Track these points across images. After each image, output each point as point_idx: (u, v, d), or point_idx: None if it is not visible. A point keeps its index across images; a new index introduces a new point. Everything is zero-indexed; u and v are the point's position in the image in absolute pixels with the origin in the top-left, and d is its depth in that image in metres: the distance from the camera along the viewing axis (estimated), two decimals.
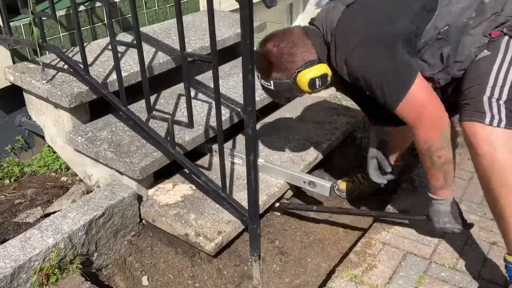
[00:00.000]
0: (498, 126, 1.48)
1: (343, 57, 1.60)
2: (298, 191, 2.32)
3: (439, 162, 1.64)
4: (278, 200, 2.18)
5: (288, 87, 1.72)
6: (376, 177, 2.08)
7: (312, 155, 2.34)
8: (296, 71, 1.68)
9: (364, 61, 1.57)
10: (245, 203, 1.77)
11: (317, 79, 1.67)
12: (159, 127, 2.08)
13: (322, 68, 1.69)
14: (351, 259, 1.86)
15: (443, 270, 1.79)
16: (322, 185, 2.04)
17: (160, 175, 2.11)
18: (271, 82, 1.72)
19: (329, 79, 1.70)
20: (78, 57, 2.14)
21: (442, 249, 1.89)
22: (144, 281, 1.85)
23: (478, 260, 1.83)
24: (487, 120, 1.49)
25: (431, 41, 1.61)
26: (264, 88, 1.79)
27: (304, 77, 1.67)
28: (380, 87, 1.57)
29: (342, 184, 2.35)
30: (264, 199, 2.04)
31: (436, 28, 1.60)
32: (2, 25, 2.14)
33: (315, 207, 2.20)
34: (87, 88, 2.06)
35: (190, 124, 1.82)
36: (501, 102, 1.50)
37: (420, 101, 1.56)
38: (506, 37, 1.57)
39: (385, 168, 2.06)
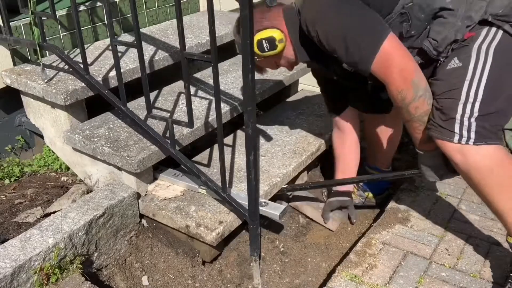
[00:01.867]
0: (467, 143, 1.51)
1: (311, 18, 1.62)
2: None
3: (416, 114, 1.62)
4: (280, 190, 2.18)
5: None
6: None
7: (315, 146, 2.35)
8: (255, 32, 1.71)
9: (332, 15, 1.58)
10: (246, 195, 1.75)
11: (264, 41, 1.71)
12: (157, 122, 2.09)
13: (271, 32, 1.71)
14: (351, 259, 1.86)
15: (443, 270, 1.79)
16: (275, 207, 1.93)
17: (161, 171, 2.11)
18: (238, 36, 1.74)
19: (277, 43, 1.72)
20: (78, 57, 2.15)
21: (442, 249, 1.89)
22: (144, 281, 1.85)
23: (478, 260, 1.83)
24: (456, 139, 1.52)
25: (395, 14, 1.61)
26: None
27: (256, 38, 1.71)
28: (353, 41, 1.55)
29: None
30: (266, 189, 2.04)
31: (402, 3, 1.60)
32: (2, 25, 2.14)
33: (308, 186, 2.19)
34: (82, 85, 2.06)
35: (190, 124, 1.82)
36: (472, 119, 1.51)
37: (389, 54, 1.54)
38: (476, 44, 1.54)
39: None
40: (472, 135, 1.51)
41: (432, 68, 1.68)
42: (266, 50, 1.73)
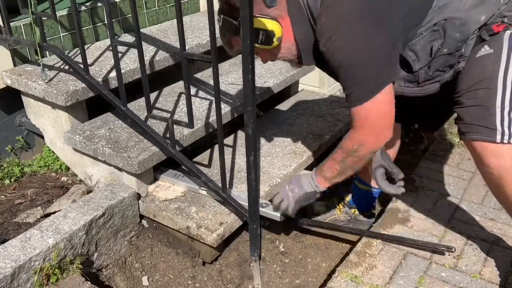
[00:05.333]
0: (509, 142, 1.43)
1: (333, 25, 1.45)
2: None
3: (347, 165, 1.60)
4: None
5: (233, 30, 1.53)
6: (388, 188, 1.78)
7: (315, 146, 2.35)
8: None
9: (349, 44, 1.43)
10: (246, 196, 1.75)
11: (261, 32, 1.50)
12: (158, 123, 2.09)
13: (272, 25, 1.50)
14: (351, 259, 1.86)
15: (443, 270, 1.79)
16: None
17: (161, 172, 2.11)
18: (221, 17, 1.56)
19: (275, 40, 1.52)
20: (78, 58, 2.15)
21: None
22: (144, 281, 1.85)
23: (478, 260, 1.83)
24: (498, 137, 1.43)
25: (427, 31, 1.51)
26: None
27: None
28: (354, 73, 1.45)
29: (316, 208, 2.23)
30: (266, 190, 2.03)
31: (433, 19, 1.50)
32: (2, 25, 2.15)
33: (306, 222, 2.10)
34: (83, 85, 2.06)
35: (190, 124, 1.82)
36: None
37: (379, 111, 1.48)
38: (508, 32, 1.46)
39: (395, 175, 1.77)
40: None
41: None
42: (260, 42, 1.53)
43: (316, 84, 3.01)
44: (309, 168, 2.41)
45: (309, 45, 1.58)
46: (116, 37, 2.20)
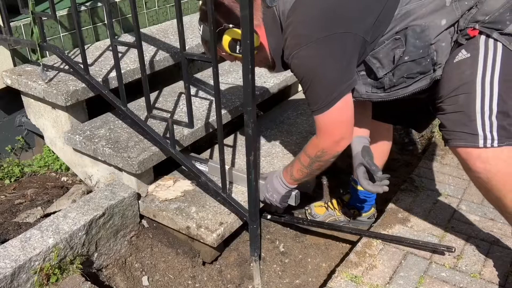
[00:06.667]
0: (492, 146, 1.43)
1: (295, 40, 1.50)
2: None
3: (314, 168, 1.69)
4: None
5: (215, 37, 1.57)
6: (369, 186, 1.74)
7: None
8: (224, 25, 1.55)
9: (307, 62, 1.50)
10: (246, 196, 1.76)
11: (238, 42, 1.54)
12: (158, 123, 2.09)
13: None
14: (351, 259, 1.86)
15: (443, 270, 1.79)
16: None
17: (161, 172, 2.12)
18: (202, 26, 1.60)
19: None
20: (78, 58, 2.15)
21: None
22: (144, 281, 1.85)
23: (478, 260, 1.83)
24: (481, 142, 1.43)
25: (389, 39, 1.52)
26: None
27: (229, 35, 1.55)
28: (312, 87, 1.52)
29: (316, 209, 2.22)
30: None
31: (395, 27, 1.51)
32: (2, 25, 2.15)
33: (305, 222, 2.11)
34: (83, 85, 2.07)
35: (190, 124, 1.82)
36: (493, 117, 1.43)
37: (337, 119, 1.54)
38: (483, 36, 1.45)
39: (374, 172, 1.72)
40: (496, 135, 1.42)
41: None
42: (238, 52, 1.56)
43: None
44: None
45: (280, 54, 1.64)
46: (116, 37, 2.20)
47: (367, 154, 1.76)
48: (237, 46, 1.56)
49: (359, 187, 2.11)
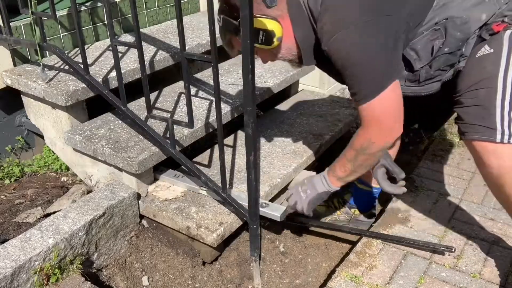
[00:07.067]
0: (508, 142, 1.43)
1: (331, 36, 1.44)
2: None
3: (358, 163, 1.60)
4: (282, 191, 2.16)
5: (234, 30, 1.52)
6: (390, 188, 1.75)
7: (316, 146, 2.35)
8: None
9: (351, 43, 1.43)
10: (246, 196, 1.75)
11: (261, 31, 1.50)
12: (158, 123, 2.09)
13: (272, 25, 1.50)
14: (351, 259, 1.86)
15: (443, 270, 1.79)
16: (275, 208, 1.89)
17: (161, 172, 2.11)
18: (221, 17, 1.55)
19: (275, 40, 1.51)
20: (78, 58, 2.14)
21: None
22: (144, 281, 1.85)
23: (478, 260, 1.83)
24: (498, 137, 1.43)
25: (428, 30, 1.51)
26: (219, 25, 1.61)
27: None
28: (357, 73, 1.45)
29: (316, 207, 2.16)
30: (266, 190, 2.03)
31: (434, 18, 1.49)
32: (2, 25, 2.15)
33: (306, 222, 2.10)
34: (83, 86, 2.06)
35: (190, 124, 1.82)
36: None
37: (386, 107, 1.48)
38: (508, 32, 1.46)
39: (396, 175, 1.73)
40: None
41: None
42: (260, 42, 1.53)
43: (316, 84, 3.01)
44: (309, 168, 2.42)
45: (310, 45, 1.57)
46: (116, 37, 2.20)
47: (387, 155, 1.74)
48: (260, 35, 1.50)
49: (359, 185, 2.12)
